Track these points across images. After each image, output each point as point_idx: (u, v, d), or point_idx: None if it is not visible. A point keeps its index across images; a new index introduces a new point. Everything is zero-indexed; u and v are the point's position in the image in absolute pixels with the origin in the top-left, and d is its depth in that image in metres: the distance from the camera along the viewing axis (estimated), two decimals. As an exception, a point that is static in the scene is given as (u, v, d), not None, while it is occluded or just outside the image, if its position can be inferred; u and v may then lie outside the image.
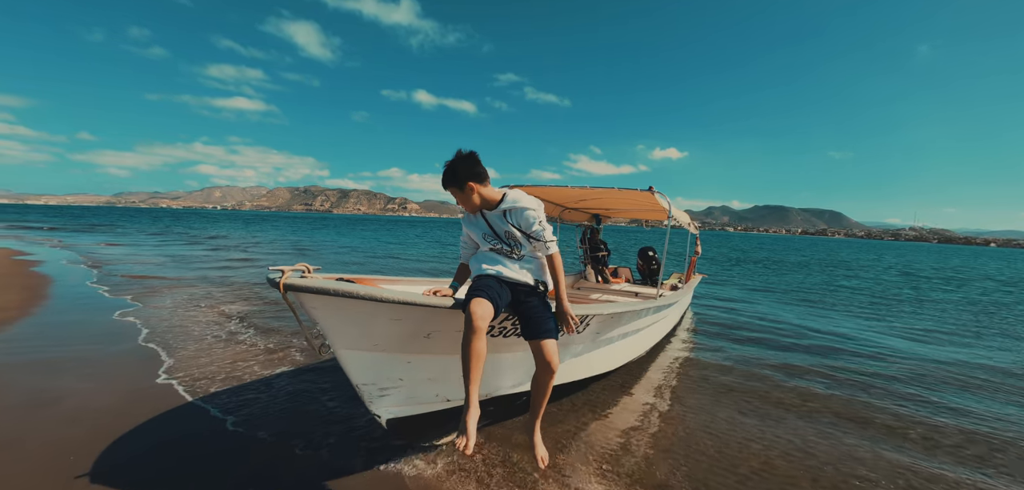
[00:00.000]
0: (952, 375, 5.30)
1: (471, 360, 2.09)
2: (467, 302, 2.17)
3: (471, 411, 2.10)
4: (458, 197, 2.38)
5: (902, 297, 13.26)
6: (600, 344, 3.72)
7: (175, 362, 4.33)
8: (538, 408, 2.51)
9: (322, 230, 42.46)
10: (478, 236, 2.52)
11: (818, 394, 4.42)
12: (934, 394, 4.60)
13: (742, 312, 9.22)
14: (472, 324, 2.08)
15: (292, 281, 1.94)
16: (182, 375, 3.99)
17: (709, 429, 3.49)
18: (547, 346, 2.33)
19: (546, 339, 2.34)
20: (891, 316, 9.73)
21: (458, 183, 2.32)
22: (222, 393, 3.64)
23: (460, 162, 2.32)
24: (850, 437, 3.50)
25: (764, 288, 13.72)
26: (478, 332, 2.09)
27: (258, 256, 15.92)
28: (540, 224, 2.39)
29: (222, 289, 8.53)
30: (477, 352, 2.10)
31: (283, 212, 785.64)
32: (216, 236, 25.89)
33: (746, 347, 6.23)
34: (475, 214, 2.49)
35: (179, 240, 21.64)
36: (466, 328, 2.11)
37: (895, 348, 6.58)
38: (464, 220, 2.59)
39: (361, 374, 2.33)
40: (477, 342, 2.09)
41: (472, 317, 2.09)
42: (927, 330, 8.26)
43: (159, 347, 4.76)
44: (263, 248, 19.65)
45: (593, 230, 7.77)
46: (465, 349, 2.11)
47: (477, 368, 2.10)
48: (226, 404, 3.44)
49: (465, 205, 2.43)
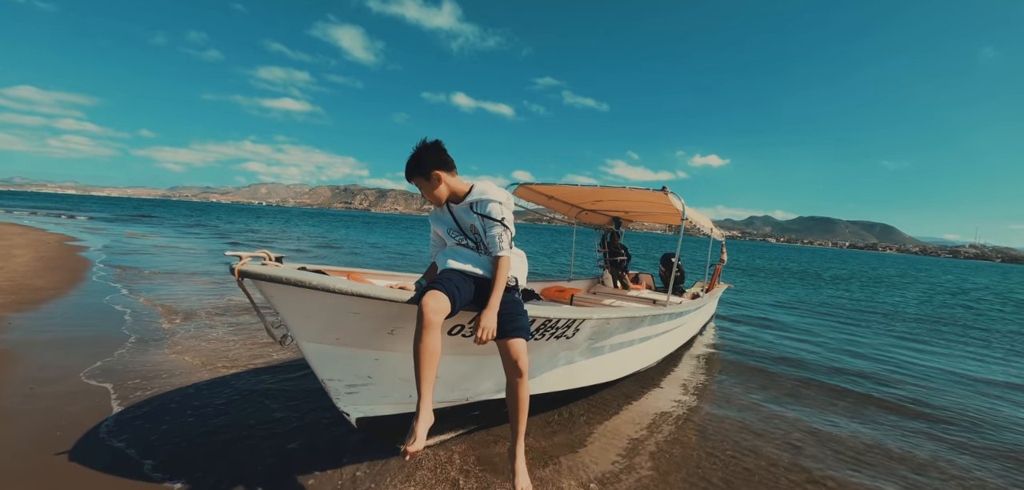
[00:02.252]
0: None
1: (422, 358, 1.93)
2: (421, 294, 2.01)
3: (422, 415, 1.93)
4: (424, 188, 2.24)
5: (951, 318, 12.20)
6: (600, 351, 3.51)
7: (154, 350, 4.38)
8: (517, 425, 2.29)
9: (355, 227, 43.60)
10: (443, 231, 2.37)
11: (836, 419, 4.03)
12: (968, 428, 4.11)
13: (764, 326, 8.68)
14: (423, 318, 1.93)
15: (248, 267, 1.86)
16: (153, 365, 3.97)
17: (715, 454, 3.20)
18: (514, 345, 2.15)
19: (513, 338, 2.16)
20: (930, 338, 8.93)
21: (423, 172, 2.18)
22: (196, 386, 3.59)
23: (425, 150, 2.18)
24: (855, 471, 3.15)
25: (794, 301, 12.95)
26: (430, 327, 1.93)
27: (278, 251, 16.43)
28: (501, 222, 2.20)
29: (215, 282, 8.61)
30: (429, 349, 1.94)
31: (324, 209, 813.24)
32: (249, 230, 26.98)
33: (765, 363, 5.80)
34: (442, 207, 2.34)
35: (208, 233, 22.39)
36: (418, 323, 1.96)
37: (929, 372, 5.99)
38: (431, 216, 2.44)
39: (326, 369, 2.22)
40: (429, 338, 1.93)
41: (424, 311, 1.93)
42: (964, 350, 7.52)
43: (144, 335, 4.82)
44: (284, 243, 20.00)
45: (613, 234, 7.51)
46: (416, 345, 1.95)
47: (429, 367, 1.94)
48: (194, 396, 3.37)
49: (431, 198, 2.27)
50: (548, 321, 2.67)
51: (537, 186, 5.29)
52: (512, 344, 2.16)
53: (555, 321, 2.72)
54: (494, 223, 2.19)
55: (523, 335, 2.20)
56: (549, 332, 2.77)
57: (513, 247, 2.28)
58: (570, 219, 7.01)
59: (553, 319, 2.70)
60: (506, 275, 2.17)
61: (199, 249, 14.10)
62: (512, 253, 2.28)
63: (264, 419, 3.08)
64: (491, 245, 2.21)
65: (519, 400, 2.23)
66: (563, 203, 6.26)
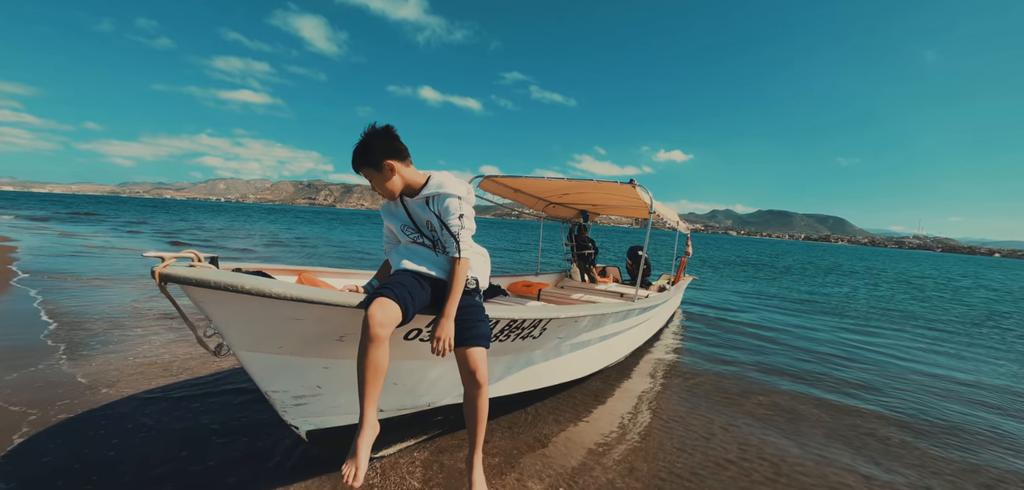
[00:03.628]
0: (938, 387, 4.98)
1: (366, 373, 1.74)
2: (368, 302, 1.81)
3: (365, 432, 1.75)
4: (375, 181, 2.00)
5: (888, 307, 12.88)
6: (567, 349, 3.41)
7: (77, 363, 3.98)
8: (475, 436, 2.13)
9: (319, 224, 42.05)
10: (397, 228, 2.14)
11: (800, 407, 4.10)
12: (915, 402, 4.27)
13: (728, 316, 8.89)
14: (368, 331, 1.73)
15: (170, 270, 1.64)
16: (73, 379, 3.59)
17: (683, 448, 3.16)
18: (472, 355, 1.99)
19: (472, 347, 1.99)
20: (874, 322, 9.38)
21: (373, 162, 1.94)
22: (123, 400, 3.27)
23: (375, 137, 1.94)
24: (831, 451, 3.19)
25: (754, 292, 13.36)
26: (376, 341, 1.73)
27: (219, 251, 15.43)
28: (460, 218, 1.99)
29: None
30: (374, 365, 1.74)
31: (286, 206, 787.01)
32: (199, 228, 25.48)
33: (730, 351, 5.93)
34: (395, 201, 2.12)
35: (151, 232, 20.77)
36: (363, 334, 1.76)
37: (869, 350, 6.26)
38: (383, 210, 2.21)
39: (269, 380, 2.01)
40: (374, 353, 1.74)
41: (369, 323, 1.73)
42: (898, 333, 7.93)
43: (67, 346, 4.39)
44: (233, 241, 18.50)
45: (580, 227, 7.46)
46: (360, 359, 1.75)
47: (373, 383, 1.75)
48: (120, 414, 3.05)
49: (383, 191, 2.04)
50: (513, 322, 2.54)
51: (504, 179, 5.15)
52: (471, 353, 1.99)
53: (520, 322, 2.59)
54: (451, 219, 1.99)
55: (482, 343, 2.04)
56: (515, 333, 2.64)
57: (473, 245, 2.09)
58: (537, 213, 6.92)
59: (519, 320, 2.56)
60: (463, 279, 1.98)
61: (138, 250, 13.04)
62: (472, 251, 2.08)
63: (198, 434, 2.82)
64: (448, 245, 2.01)
65: (477, 411, 2.07)
66: (530, 197, 6.15)
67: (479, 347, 2.02)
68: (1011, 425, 4.03)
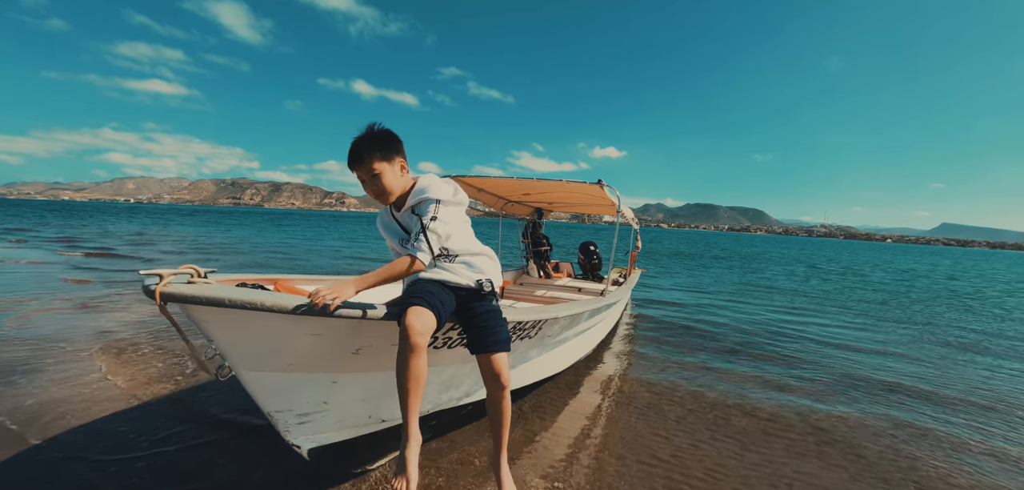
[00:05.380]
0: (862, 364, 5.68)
1: (409, 383, 1.74)
2: (403, 312, 1.78)
3: (411, 444, 1.76)
4: (380, 175, 1.89)
5: (783, 287, 14.34)
6: (552, 345, 3.51)
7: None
8: (500, 437, 2.13)
9: (249, 226, 39.07)
10: (396, 242, 2.07)
11: (739, 369, 4.52)
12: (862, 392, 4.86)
13: (670, 304, 9.49)
14: (409, 340, 1.71)
15: (173, 288, 1.51)
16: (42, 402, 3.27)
17: (657, 433, 3.38)
18: (497, 360, 2.00)
19: (496, 352, 2.00)
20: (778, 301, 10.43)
21: (389, 153, 1.88)
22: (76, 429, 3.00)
23: (389, 133, 1.90)
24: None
25: (692, 282, 14.30)
26: (417, 350, 1.72)
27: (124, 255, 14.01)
28: (431, 216, 1.87)
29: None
30: (415, 375, 1.74)
31: (208, 206, 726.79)
32: (105, 234, 22.80)
33: (680, 335, 6.39)
34: (389, 215, 2.08)
35: (35, 240, 17.03)
36: (402, 345, 1.74)
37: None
38: (379, 222, 2.14)
39: (274, 400, 1.91)
40: (416, 362, 1.73)
41: (409, 332, 1.71)
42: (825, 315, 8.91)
43: None
44: (155, 247, 16.25)
45: (535, 224, 7.60)
46: (402, 371, 1.74)
47: (416, 392, 1.75)
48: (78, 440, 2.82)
49: (378, 189, 1.91)
50: (518, 324, 2.60)
51: (470, 179, 5.23)
52: (494, 359, 2.00)
53: (524, 324, 2.66)
54: (426, 212, 1.89)
55: (504, 348, 2.04)
56: (516, 333, 2.69)
57: (482, 248, 2.11)
58: (496, 211, 6.99)
59: (523, 322, 2.64)
60: (400, 273, 1.83)
61: (17, 261, 10.61)
62: (485, 255, 2.11)
63: (180, 462, 2.61)
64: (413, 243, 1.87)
65: (502, 413, 2.08)
66: (492, 195, 6.22)
67: (501, 352, 2.02)
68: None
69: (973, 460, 3.22)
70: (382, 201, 2.00)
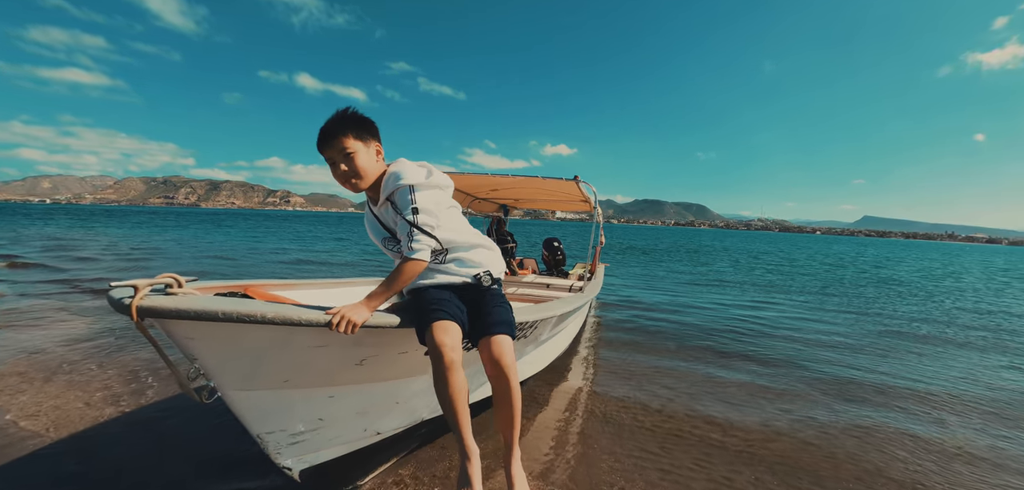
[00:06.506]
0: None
1: (456, 402, 1.66)
2: (427, 327, 1.68)
3: (472, 460, 1.69)
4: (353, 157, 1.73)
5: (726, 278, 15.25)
6: (539, 343, 3.47)
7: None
8: (511, 434, 1.88)
9: (182, 227, 35.90)
10: (380, 241, 1.92)
11: (707, 369, 4.70)
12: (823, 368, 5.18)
13: (631, 296, 9.77)
14: (445, 359, 1.62)
15: (151, 302, 1.32)
16: None
17: (640, 424, 3.43)
18: (497, 343, 1.78)
19: (495, 334, 1.79)
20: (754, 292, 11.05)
21: (363, 134, 1.75)
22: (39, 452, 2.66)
23: (357, 113, 1.77)
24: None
25: (646, 276, 14.79)
26: (453, 367, 1.63)
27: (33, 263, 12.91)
28: (414, 212, 1.68)
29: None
30: (459, 389, 1.66)
31: (137, 206, 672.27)
32: (14, 242, 20.57)
33: (650, 323, 6.66)
34: (371, 214, 1.94)
35: None
36: (437, 365, 1.64)
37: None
38: (367, 220, 1.99)
39: (264, 421, 1.73)
40: (455, 378, 1.64)
41: (442, 350, 1.62)
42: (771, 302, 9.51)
43: None
44: (66, 253, 14.01)
45: (500, 221, 7.54)
46: (443, 391, 1.65)
47: (464, 407, 1.68)
48: None
49: (349, 172, 1.75)
50: (521, 324, 2.51)
51: (446, 174, 5.08)
52: (495, 341, 1.78)
53: (523, 324, 2.58)
54: (406, 213, 1.70)
55: (506, 331, 1.83)
56: (517, 334, 2.62)
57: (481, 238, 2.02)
58: (464, 207, 6.87)
59: (523, 322, 2.55)
60: (407, 280, 1.68)
61: None
62: (481, 246, 1.99)
63: None
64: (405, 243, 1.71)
65: (512, 405, 1.82)
66: (458, 191, 6.11)
67: (500, 334, 1.81)
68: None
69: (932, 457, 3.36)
70: (354, 188, 1.80)
